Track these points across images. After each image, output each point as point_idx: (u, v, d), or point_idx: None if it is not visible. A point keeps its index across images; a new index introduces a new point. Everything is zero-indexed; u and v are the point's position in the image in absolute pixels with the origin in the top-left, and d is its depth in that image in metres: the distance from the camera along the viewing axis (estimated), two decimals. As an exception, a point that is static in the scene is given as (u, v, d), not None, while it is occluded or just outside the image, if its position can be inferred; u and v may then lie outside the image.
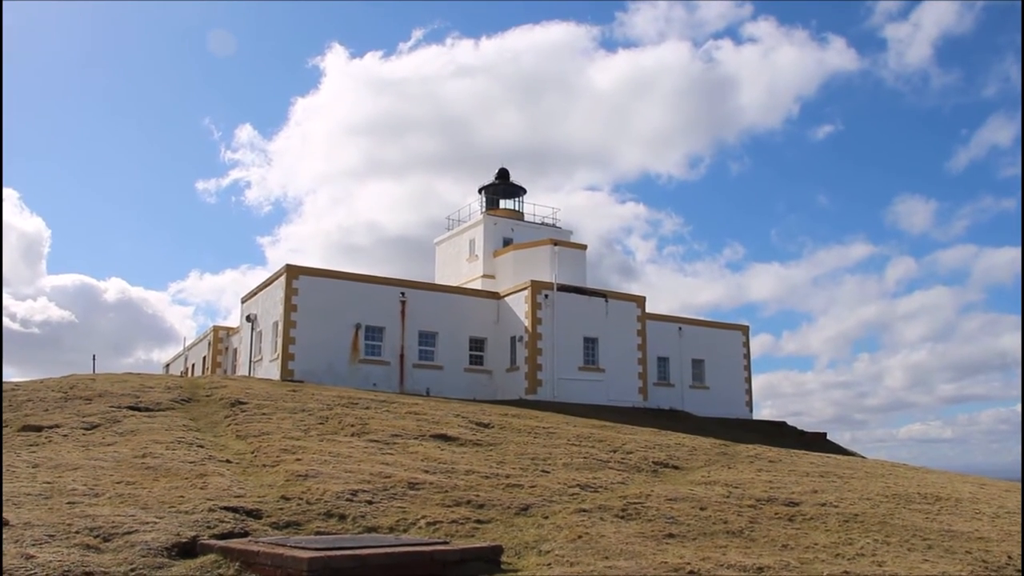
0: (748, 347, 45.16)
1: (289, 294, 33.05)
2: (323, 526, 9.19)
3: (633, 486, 13.48)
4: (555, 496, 11.70)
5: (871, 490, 15.42)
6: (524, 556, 8.31)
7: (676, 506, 11.57)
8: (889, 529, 11.35)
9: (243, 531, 8.53)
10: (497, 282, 40.73)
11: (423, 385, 34.24)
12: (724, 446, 21.39)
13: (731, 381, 43.79)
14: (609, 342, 37.21)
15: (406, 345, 35.16)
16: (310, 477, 11.52)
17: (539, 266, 39.17)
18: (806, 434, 40.25)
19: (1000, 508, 14.38)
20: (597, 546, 8.65)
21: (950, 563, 9.20)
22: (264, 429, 16.44)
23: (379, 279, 36.05)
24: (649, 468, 16.18)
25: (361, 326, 34.25)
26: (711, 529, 10.32)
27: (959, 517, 13.07)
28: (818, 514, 12.12)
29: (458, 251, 44.87)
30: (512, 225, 44.07)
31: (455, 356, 36.39)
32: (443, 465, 13.67)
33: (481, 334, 37.29)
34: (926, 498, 14.91)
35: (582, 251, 42.07)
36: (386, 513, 9.89)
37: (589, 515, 10.44)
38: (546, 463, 15.18)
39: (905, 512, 13.13)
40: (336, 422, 18.05)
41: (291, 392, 22.95)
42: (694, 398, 41.10)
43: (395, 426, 17.95)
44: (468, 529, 9.47)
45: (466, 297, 38.13)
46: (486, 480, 12.52)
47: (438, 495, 11.05)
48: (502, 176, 46.92)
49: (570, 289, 37.16)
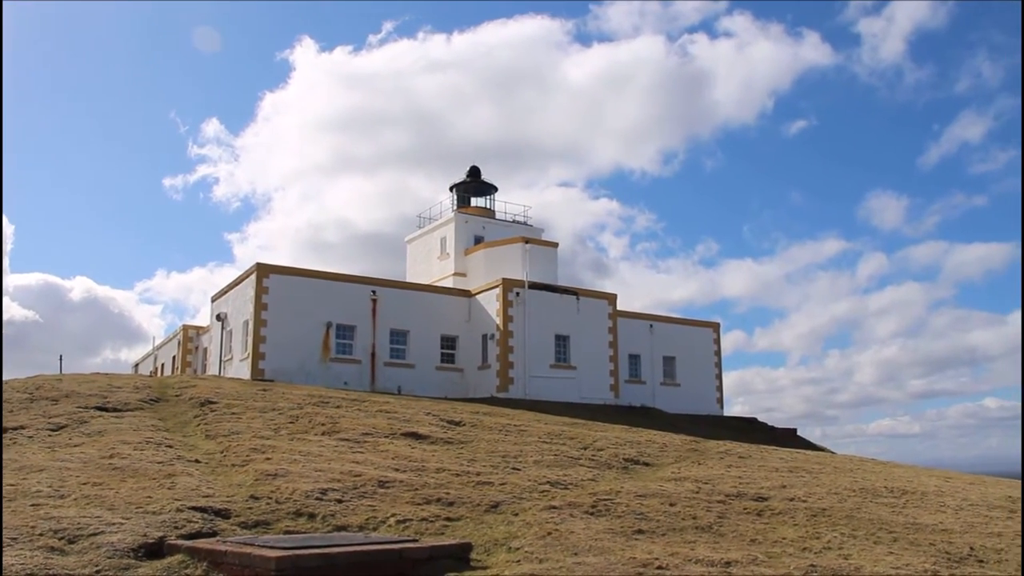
0: (719, 344, 45.39)
1: (259, 292, 32.82)
2: (292, 525, 9.16)
3: (603, 483, 13.54)
4: (525, 493, 11.72)
5: (839, 485, 15.57)
6: (493, 553, 8.33)
7: (646, 502, 11.63)
8: (856, 523, 11.48)
9: (211, 531, 8.48)
10: (468, 280, 40.68)
11: (394, 383, 34.14)
12: (695, 443, 21.49)
13: (702, 378, 43.99)
14: (580, 340, 37.27)
15: (377, 343, 35.03)
16: (279, 476, 11.47)
17: (510, 264, 39.16)
18: (776, 430, 40.55)
19: (964, 501, 14.57)
20: (566, 543, 8.68)
21: (914, 555, 9.32)
22: (234, 429, 16.34)
23: (350, 277, 35.90)
24: (620, 465, 16.25)
25: (332, 324, 34.08)
26: (680, 525, 10.38)
27: (924, 510, 13.24)
28: (786, 509, 12.23)
29: (429, 249, 44.77)
30: (483, 223, 44.04)
31: (426, 354, 36.29)
32: (413, 463, 13.65)
33: (452, 332, 37.23)
34: (892, 492, 15.08)
35: (553, 249, 42.11)
36: (356, 512, 9.87)
37: (559, 512, 10.47)
38: (517, 461, 15.20)
39: (872, 506, 13.28)
40: (306, 421, 17.97)
41: (261, 391, 22.82)
42: (665, 395, 41.26)
43: (366, 425, 17.90)
44: (438, 527, 9.48)
45: (437, 295, 38.04)
46: (456, 478, 12.53)
47: (408, 493, 11.04)
48: (473, 174, 46.90)
49: (541, 287, 37.18)
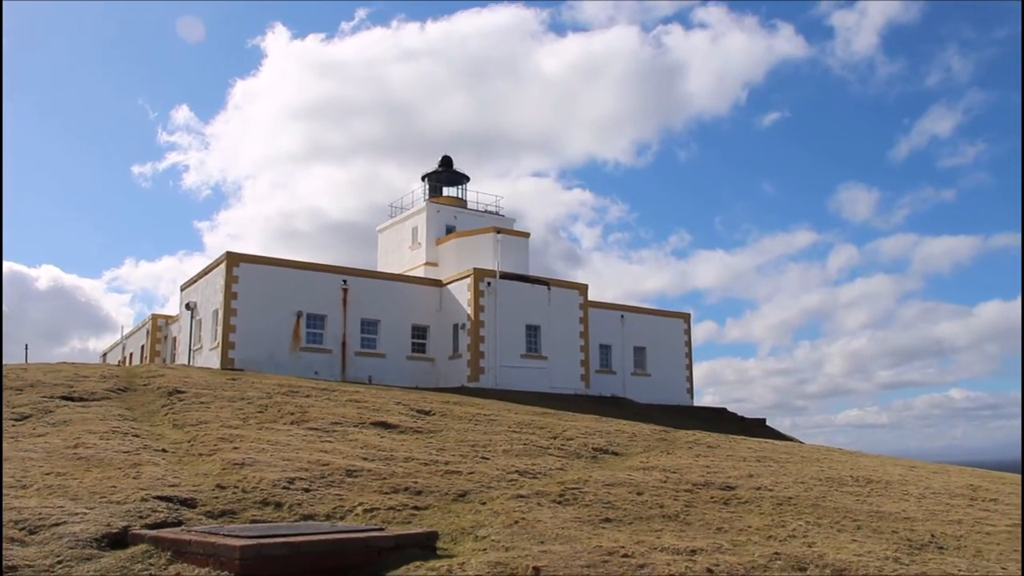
0: (690, 335, 45.64)
1: (229, 282, 32.64)
2: (259, 514, 9.13)
3: (572, 472, 13.59)
4: (493, 482, 11.75)
5: (806, 474, 15.72)
6: (460, 541, 8.34)
7: (613, 491, 11.69)
8: (821, 511, 11.60)
9: (177, 520, 8.43)
10: (440, 270, 40.65)
11: (365, 373, 34.09)
12: (664, 432, 21.62)
13: (672, 368, 44.25)
14: (551, 330, 37.35)
15: (348, 333, 34.96)
16: (247, 465, 11.42)
17: (482, 254, 39.15)
18: (746, 420, 40.86)
19: (927, 489, 14.77)
20: (533, 531, 8.71)
21: (877, 542, 9.43)
22: (202, 418, 16.25)
23: (320, 266, 35.78)
24: (589, 454, 16.32)
25: (302, 314, 33.97)
26: (647, 513, 10.45)
27: (888, 499, 13.40)
28: (753, 498, 12.33)
29: (401, 238, 44.68)
30: (455, 213, 44.00)
31: (397, 344, 36.26)
32: (382, 452, 13.64)
33: (423, 322, 37.20)
34: (858, 481, 15.26)
35: (525, 239, 42.14)
36: (323, 501, 9.85)
37: (526, 501, 10.50)
38: (486, 450, 15.22)
39: (837, 494, 13.43)
40: (275, 410, 17.91)
41: (230, 381, 22.70)
42: (636, 385, 41.46)
43: (335, 414, 17.86)
44: (405, 516, 9.48)
45: (408, 285, 38.00)
46: (425, 467, 12.53)
47: (376, 482, 11.03)
48: (445, 163, 46.84)
49: (513, 277, 37.22)
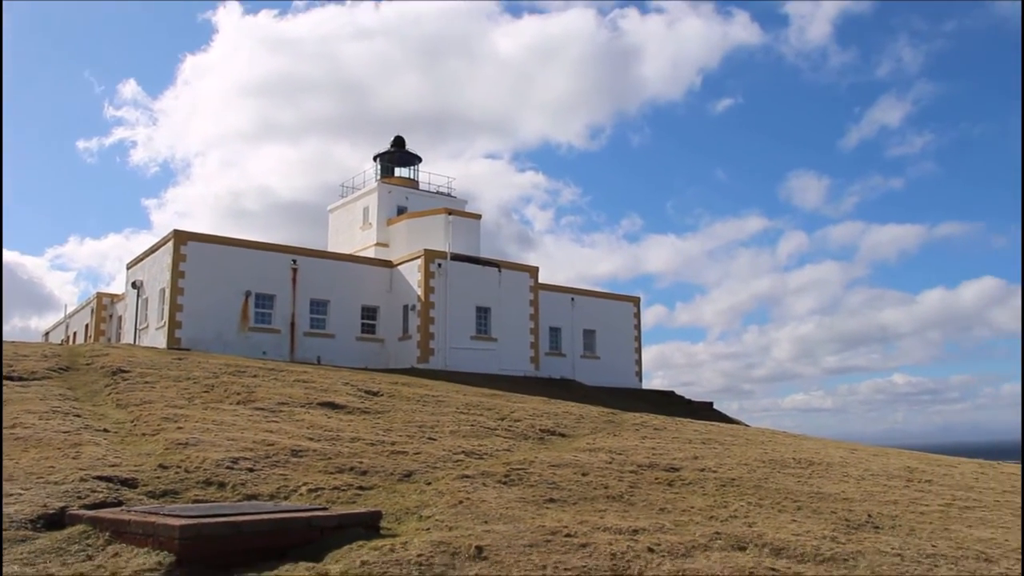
0: (639, 318, 45.97)
1: (177, 260, 32.23)
2: (201, 494, 9.05)
3: (518, 453, 13.66)
4: (439, 463, 11.77)
5: (749, 456, 15.95)
6: (404, 521, 8.35)
7: (559, 472, 11.77)
8: (763, 492, 11.78)
9: (117, 501, 8.33)
10: (390, 251, 40.49)
11: (314, 353, 33.89)
12: (612, 414, 21.78)
13: (622, 351, 44.56)
14: (502, 312, 37.41)
15: (297, 313, 34.72)
16: (190, 445, 11.32)
17: (433, 235, 39.04)
18: (693, 403, 41.33)
19: (866, 471, 15.07)
20: (477, 511, 8.75)
21: (816, 522, 9.61)
22: (146, 398, 16.05)
23: (270, 246, 35.44)
24: (536, 436, 16.40)
25: (251, 293, 33.67)
26: (592, 494, 10.54)
27: (828, 480, 13.65)
28: (697, 479, 12.49)
29: (352, 219, 44.39)
30: (407, 193, 43.80)
31: (347, 324, 36.11)
32: (328, 433, 13.60)
33: (373, 303, 37.07)
34: (800, 463, 15.51)
35: (476, 220, 42.08)
36: (267, 481, 9.80)
37: (472, 481, 10.53)
38: (433, 431, 15.23)
39: (779, 476, 13.65)
40: (222, 390, 17.74)
41: (176, 360, 22.44)
42: (585, 368, 41.70)
43: (282, 394, 17.75)
44: (350, 496, 9.47)
45: (359, 265, 37.81)
46: (371, 447, 12.52)
47: (321, 462, 11.00)
48: (398, 144, 46.55)
49: (463, 258, 37.19)
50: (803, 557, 7.70)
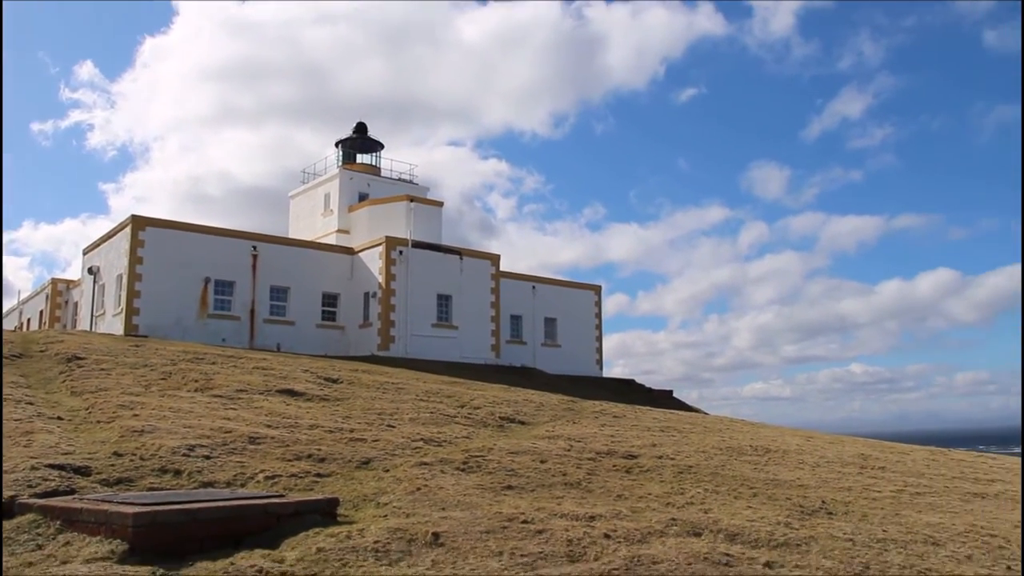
0: (600, 307, 46.16)
1: (134, 246, 31.83)
2: (157, 482, 8.97)
3: (477, 440, 13.67)
4: (398, 450, 11.76)
5: (707, 444, 16.10)
6: (362, 508, 8.34)
7: (517, 459, 11.81)
8: (719, 479, 11.90)
9: (69, 489, 8.22)
10: (352, 237, 40.28)
11: (274, 341, 33.67)
12: (571, 402, 21.87)
13: (582, 339, 44.72)
14: (463, 299, 37.40)
15: (257, 300, 34.45)
16: (146, 433, 11.20)
17: (394, 222, 38.88)
18: (653, 392, 41.58)
19: (821, 458, 15.28)
20: (435, 498, 8.76)
21: (771, 509, 9.72)
22: (102, 385, 15.86)
23: (230, 232, 35.11)
24: (495, 423, 16.43)
25: (210, 280, 33.35)
26: (549, 481, 10.58)
27: (784, 467, 13.82)
28: (655, 466, 12.58)
29: (313, 205, 44.08)
30: (368, 180, 43.56)
31: (307, 311, 35.90)
32: (287, 420, 13.52)
33: (334, 289, 36.88)
34: (757, 451, 15.69)
35: (438, 208, 41.96)
36: (224, 468, 9.72)
37: (430, 468, 10.54)
38: (392, 418, 15.21)
39: (736, 463, 13.79)
40: (179, 377, 17.58)
41: (134, 347, 22.19)
42: (546, 356, 41.80)
43: (241, 381, 17.62)
44: (307, 483, 9.43)
45: (319, 252, 37.58)
46: (329, 434, 12.47)
47: (279, 449, 10.94)
48: (360, 130, 46.26)
49: (425, 246, 37.10)
50: (757, 542, 7.79)
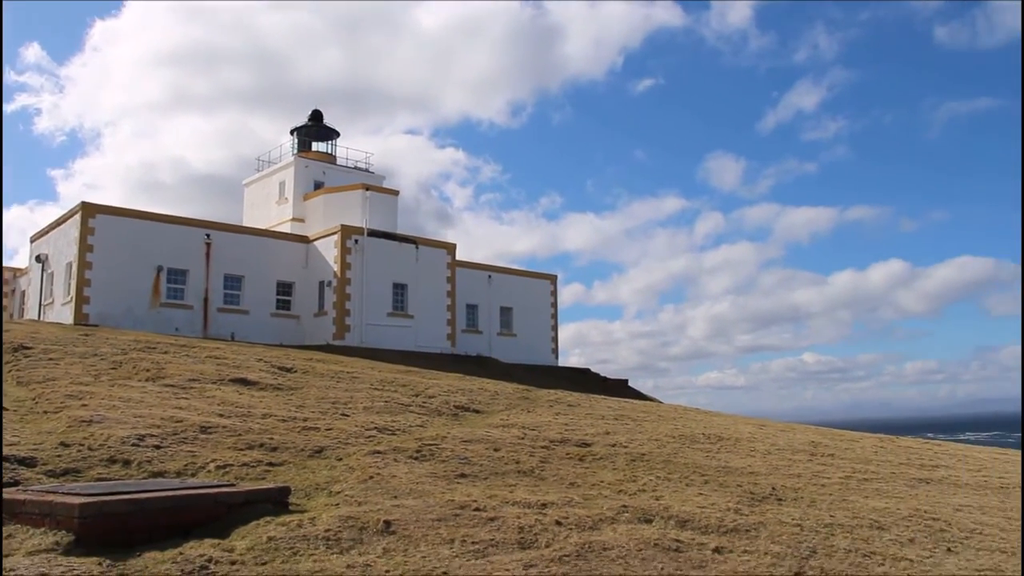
0: (556, 296, 46.30)
1: (84, 233, 31.31)
2: (105, 472, 8.86)
3: (431, 429, 13.67)
4: (351, 439, 11.72)
5: (661, 432, 16.24)
6: (314, 497, 8.31)
7: (471, 448, 11.83)
8: (672, 467, 12.02)
9: (13, 480, 8.09)
10: (307, 226, 40.00)
11: (228, 330, 33.37)
12: (526, 391, 21.94)
13: (538, 329, 44.84)
14: (418, 288, 37.31)
15: (210, 288, 34.09)
16: (95, 423, 11.05)
17: (350, 211, 38.66)
18: (608, 381, 41.86)
19: (772, 446, 15.48)
20: (387, 486, 8.75)
21: (721, 495, 9.85)
22: (49, 375, 15.60)
23: (182, 220, 34.66)
24: (450, 412, 16.43)
25: (163, 268, 32.92)
26: (503, 469, 10.62)
27: (736, 455, 13.99)
28: (608, 454, 12.67)
29: (267, 193, 43.67)
30: (324, 168, 43.24)
31: (262, 300, 35.60)
32: (239, 409, 13.42)
33: (289, 278, 36.61)
34: (709, 438, 15.86)
35: (394, 196, 41.78)
36: (174, 458, 9.63)
37: (383, 457, 10.52)
38: (346, 407, 15.15)
39: (688, 451, 13.93)
40: (130, 367, 17.35)
41: (83, 336, 21.86)
42: (502, 345, 41.87)
43: (193, 370, 17.44)
44: (260, 472, 9.37)
45: (274, 240, 37.26)
46: (283, 423, 12.39)
47: (231, 439, 10.85)
48: (315, 118, 45.88)
49: (380, 234, 36.94)
50: (707, 528, 7.89)
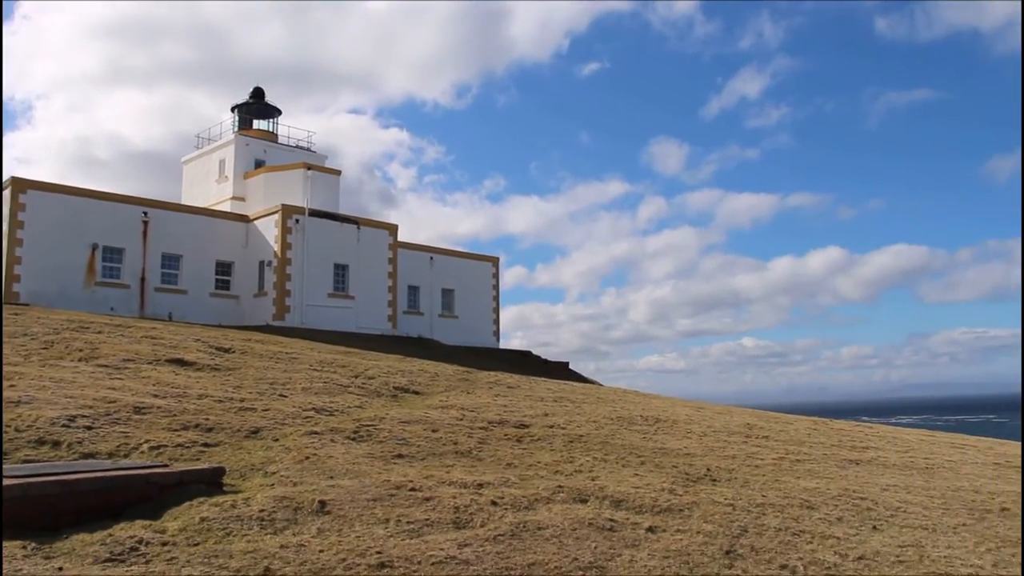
0: (498, 278, 46.38)
1: (15, 209, 30.57)
2: (33, 454, 8.70)
3: (369, 410, 13.64)
4: (288, 419, 11.65)
5: (599, 414, 16.39)
6: (249, 478, 8.26)
7: (409, 428, 11.84)
8: (609, 448, 12.15)
9: (-61, 460, 7.93)
10: (247, 205, 39.48)
11: (165, 309, 32.87)
12: (467, 373, 21.98)
13: (480, 311, 44.91)
14: (360, 269, 37.12)
15: (148, 267, 33.54)
16: (23, 403, 10.82)
17: (291, 190, 38.25)
18: (549, 363, 42.05)
19: (708, 428, 15.71)
20: (323, 466, 8.73)
21: (657, 476, 9.99)
22: (-23, 354, 15.25)
23: (119, 197, 34.01)
24: (389, 393, 16.41)
25: (98, 246, 32.30)
26: (440, 450, 10.65)
27: (672, 436, 14.17)
28: (546, 435, 12.77)
29: (207, 171, 42.98)
30: (265, 147, 42.69)
31: (200, 280, 35.15)
32: (175, 390, 13.25)
33: (229, 258, 36.17)
34: (647, 420, 16.04)
35: (336, 176, 41.42)
36: (106, 439, 9.48)
37: (320, 437, 10.49)
38: (284, 388, 15.05)
39: (626, 433, 14.09)
40: (63, 347, 17.01)
41: (13, 316, 21.37)
42: (443, 327, 41.86)
43: (128, 351, 17.16)
44: (194, 453, 9.27)
45: (214, 219, 36.76)
46: (219, 404, 12.27)
47: (165, 419, 10.72)
48: (257, 95, 45.22)
49: (322, 214, 36.64)
50: (641, 508, 8.01)
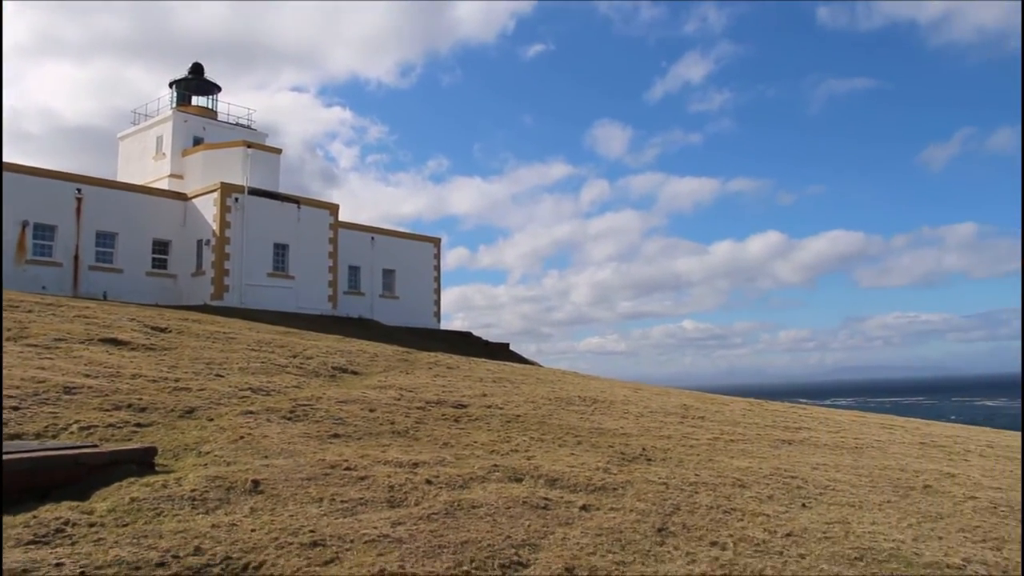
0: (439, 259, 46.31)
1: (-59, 185, 29.75)
2: (-42, 433, 8.53)
3: (307, 390, 13.57)
4: (224, 399, 11.55)
5: (537, 394, 16.48)
6: (182, 458, 8.18)
7: (346, 408, 11.81)
8: (546, 428, 12.24)
9: None
10: (185, 183, 38.84)
11: (100, 289, 32.28)
12: (406, 353, 21.95)
13: (421, 292, 44.82)
14: (300, 249, 36.79)
15: (81, 246, 32.87)
16: (-51, 382, 10.60)
17: (230, 168, 37.69)
18: (490, 344, 42.16)
19: (646, 408, 15.90)
20: (258, 446, 8.68)
21: (593, 455, 10.09)
22: (-99, 331, 14.87)
23: (51, 172, 33.21)
24: (327, 373, 16.33)
25: (28, 223, 31.55)
26: (377, 430, 10.64)
27: (609, 417, 14.32)
28: (483, 415, 12.82)
29: (144, 148, 42.16)
30: (204, 124, 41.98)
31: (137, 259, 34.55)
32: (108, 369, 13.04)
33: (166, 236, 35.61)
34: (585, 401, 16.18)
35: (276, 155, 40.91)
36: (34, 419, 9.32)
37: (255, 417, 10.41)
38: (221, 367, 14.90)
39: (563, 413, 14.20)
40: (-10, 325, 16.65)
41: (-60, 292, 20.84)
42: (384, 307, 41.71)
43: (60, 330, 16.84)
44: (126, 433, 9.15)
45: (150, 197, 36.12)
46: (152, 384, 12.11)
47: (97, 399, 10.55)
48: (196, 71, 44.43)
49: (261, 193, 36.21)
50: (576, 487, 8.10)
